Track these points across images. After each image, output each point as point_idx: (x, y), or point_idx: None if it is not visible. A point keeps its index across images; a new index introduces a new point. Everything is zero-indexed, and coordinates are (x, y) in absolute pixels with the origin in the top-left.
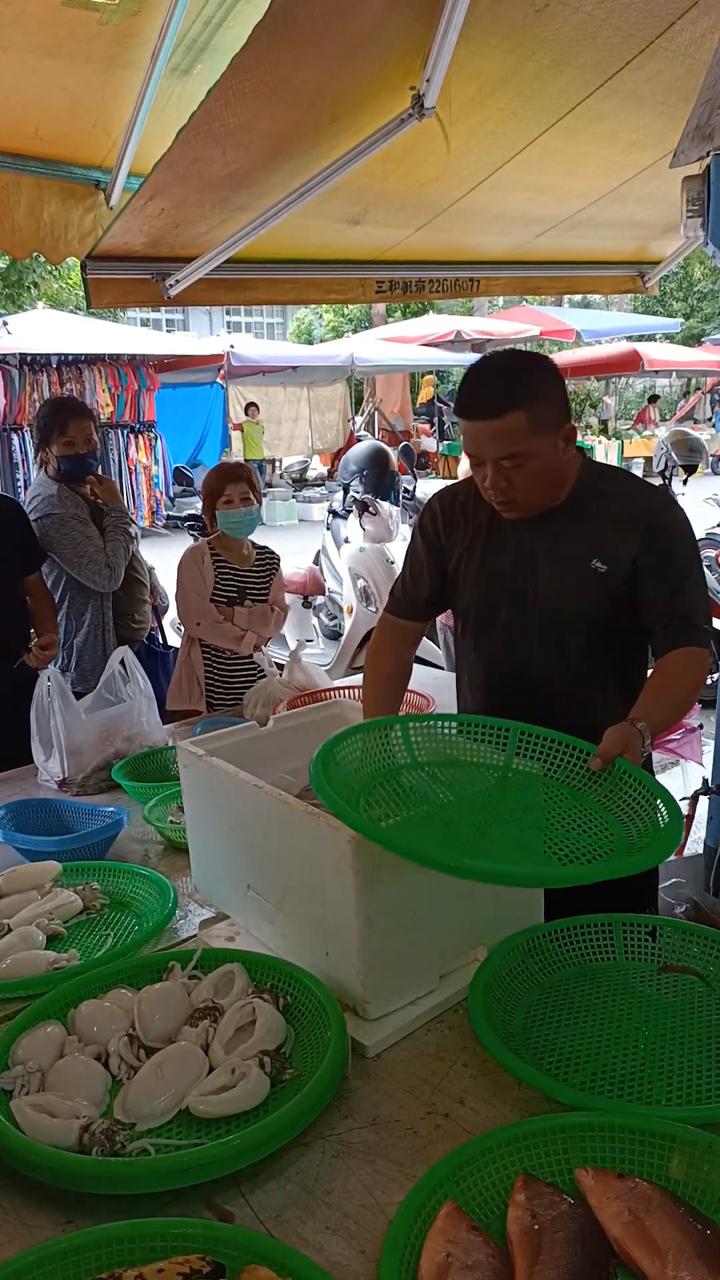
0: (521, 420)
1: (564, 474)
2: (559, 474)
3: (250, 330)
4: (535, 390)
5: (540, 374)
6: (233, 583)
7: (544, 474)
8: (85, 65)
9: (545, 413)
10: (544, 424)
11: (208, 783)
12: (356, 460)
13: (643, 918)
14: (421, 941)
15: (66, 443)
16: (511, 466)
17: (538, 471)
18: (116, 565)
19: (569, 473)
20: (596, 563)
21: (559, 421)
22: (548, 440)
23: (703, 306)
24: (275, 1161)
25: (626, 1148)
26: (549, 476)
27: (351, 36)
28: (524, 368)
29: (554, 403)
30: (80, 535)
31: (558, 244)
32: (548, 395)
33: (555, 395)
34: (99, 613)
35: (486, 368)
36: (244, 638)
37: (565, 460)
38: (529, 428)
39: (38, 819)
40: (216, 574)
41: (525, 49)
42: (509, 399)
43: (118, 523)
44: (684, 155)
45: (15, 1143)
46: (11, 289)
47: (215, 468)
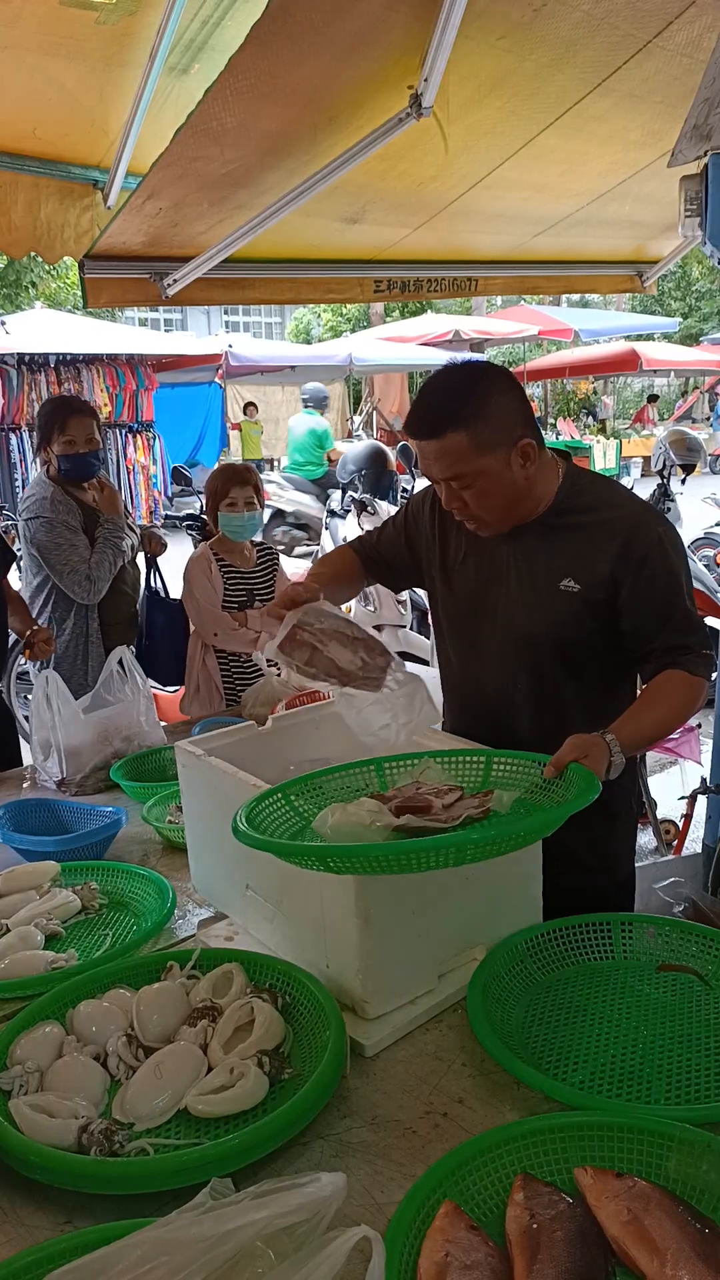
0: (463, 440)
1: (528, 490)
2: (519, 491)
3: (248, 330)
4: (478, 407)
5: (486, 388)
6: (240, 586)
7: (497, 493)
8: (83, 64)
9: (491, 430)
10: (490, 442)
11: (206, 782)
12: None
13: (642, 917)
14: (420, 941)
15: (67, 441)
16: (460, 487)
17: (488, 490)
18: (98, 579)
19: (541, 486)
20: (568, 582)
21: (510, 438)
22: (496, 458)
23: (701, 306)
24: (274, 1161)
25: (625, 1147)
26: (504, 495)
27: (349, 36)
28: (468, 384)
29: (502, 419)
30: (65, 542)
31: (556, 243)
32: (494, 411)
33: (504, 411)
34: (82, 621)
35: (432, 384)
36: (259, 639)
37: (527, 476)
38: (471, 447)
39: (36, 819)
40: (224, 580)
41: (523, 48)
42: (449, 418)
43: (108, 535)
44: (682, 155)
45: (14, 1143)
46: (9, 289)
47: (220, 468)
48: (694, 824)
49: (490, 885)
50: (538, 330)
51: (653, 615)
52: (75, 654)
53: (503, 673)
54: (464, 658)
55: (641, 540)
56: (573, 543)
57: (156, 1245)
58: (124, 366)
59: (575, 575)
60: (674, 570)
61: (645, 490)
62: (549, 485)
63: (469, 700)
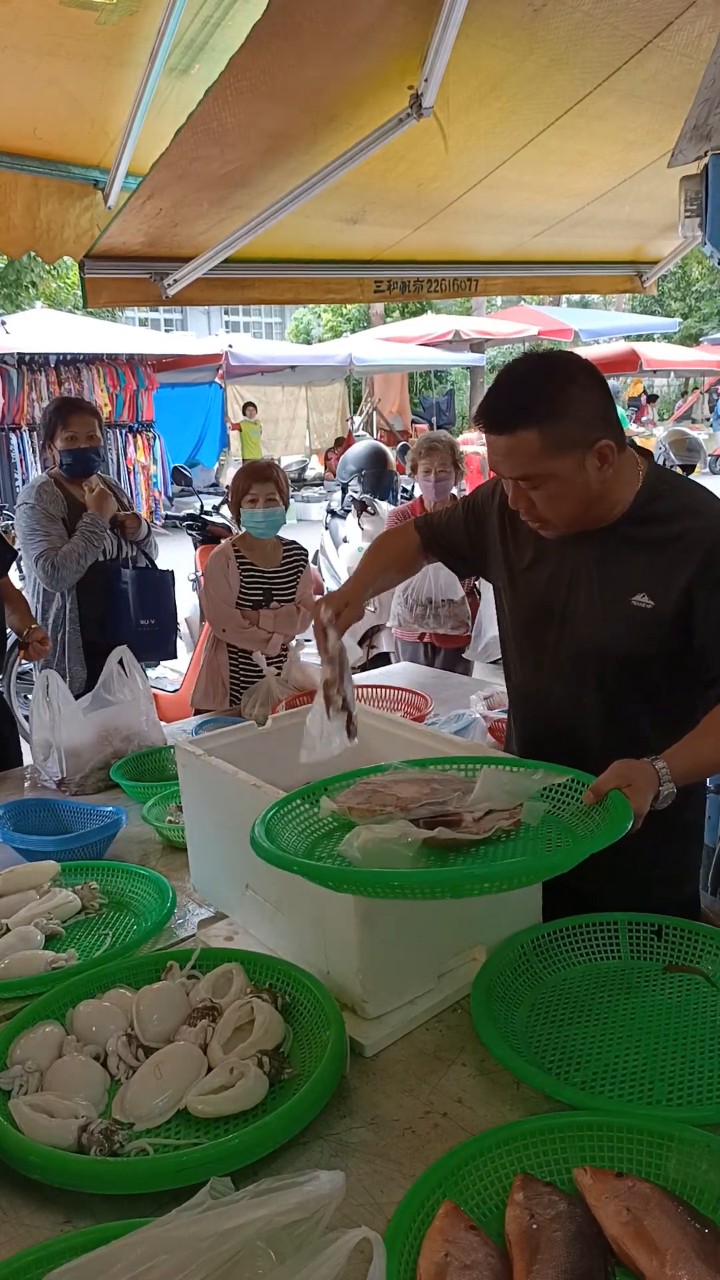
0: (534, 439)
1: (603, 493)
2: (592, 495)
3: (249, 330)
4: (555, 404)
5: (566, 383)
6: (258, 585)
7: (568, 497)
8: (83, 64)
9: (567, 430)
10: (564, 443)
11: (206, 782)
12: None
13: (649, 916)
14: (419, 941)
15: (69, 437)
16: (528, 487)
17: (559, 495)
18: (62, 567)
19: (619, 489)
20: (642, 598)
21: (587, 440)
22: (570, 460)
23: (701, 306)
24: (274, 1161)
25: (625, 1147)
26: (575, 500)
27: (349, 36)
28: (546, 377)
29: (581, 418)
30: (41, 529)
31: (556, 244)
32: (572, 410)
33: (583, 409)
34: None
35: (509, 374)
36: (270, 640)
37: (602, 480)
38: (543, 447)
39: (36, 819)
40: (241, 577)
41: (523, 48)
42: (522, 414)
43: (86, 529)
44: (682, 155)
45: (14, 1143)
46: (10, 288)
47: (244, 466)
48: None
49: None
50: (538, 330)
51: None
52: (55, 645)
53: (570, 687)
54: (529, 667)
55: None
56: (649, 555)
57: (156, 1244)
58: (124, 366)
59: (649, 591)
60: None
61: None
62: (628, 488)
63: (536, 713)
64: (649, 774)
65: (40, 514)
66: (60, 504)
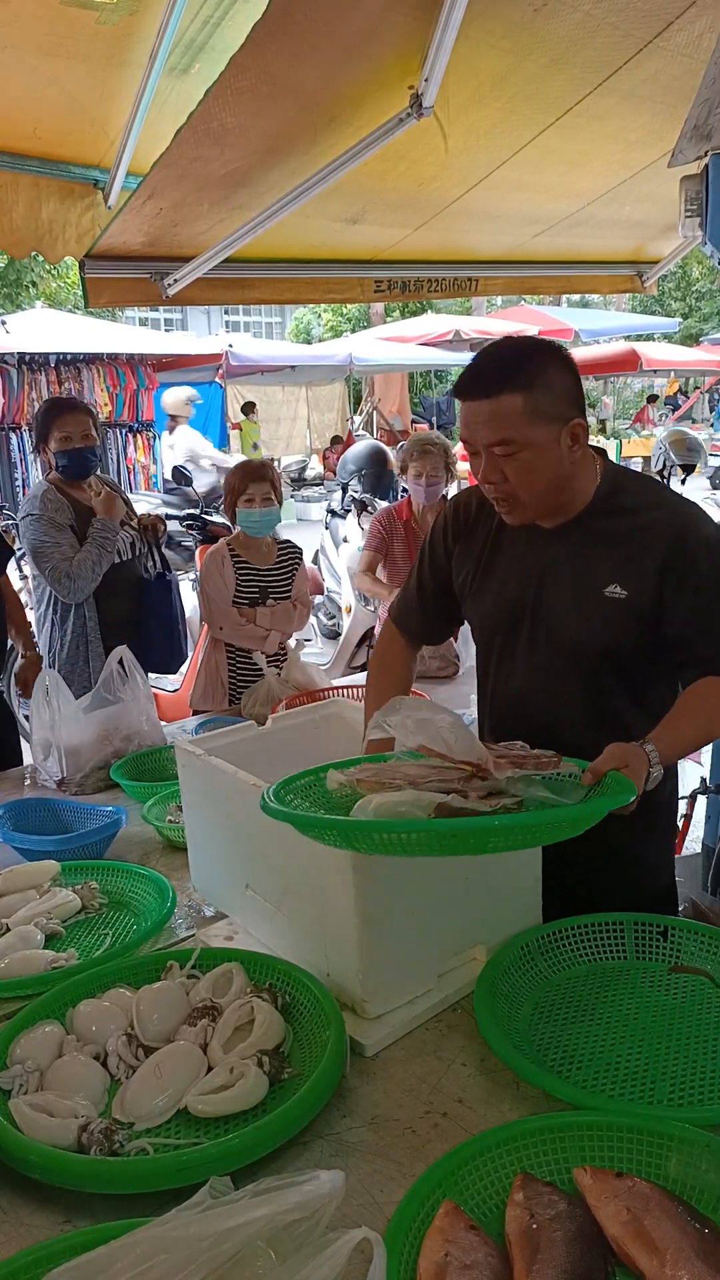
0: (517, 403)
1: (570, 478)
2: (561, 475)
3: (249, 330)
4: (537, 375)
5: (547, 360)
6: (254, 583)
7: (541, 470)
8: (84, 64)
9: (546, 400)
10: (544, 413)
11: (206, 782)
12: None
13: (654, 917)
14: (420, 940)
15: (63, 438)
16: (504, 454)
17: (533, 465)
18: (78, 577)
19: (582, 480)
20: (615, 588)
21: (563, 414)
22: (547, 431)
23: (701, 306)
24: (274, 1161)
25: (625, 1147)
26: (548, 474)
27: (350, 36)
28: (528, 352)
29: (558, 393)
30: (50, 540)
31: (556, 243)
32: (552, 383)
33: (561, 385)
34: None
35: (492, 348)
36: (268, 637)
37: (572, 461)
38: (525, 411)
39: (36, 818)
40: (237, 575)
41: (523, 48)
42: (507, 379)
43: (97, 535)
44: (682, 155)
45: (14, 1142)
46: (10, 288)
47: (239, 465)
48: (693, 824)
49: (490, 886)
50: (538, 330)
51: (695, 620)
52: (76, 654)
53: (550, 686)
54: (505, 672)
55: (689, 544)
56: (617, 547)
57: (155, 1244)
58: (124, 366)
59: (621, 581)
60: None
61: None
62: (588, 482)
63: (514, 716)
64: (640, 756)
65: (47, 524)
66: (66, 510)
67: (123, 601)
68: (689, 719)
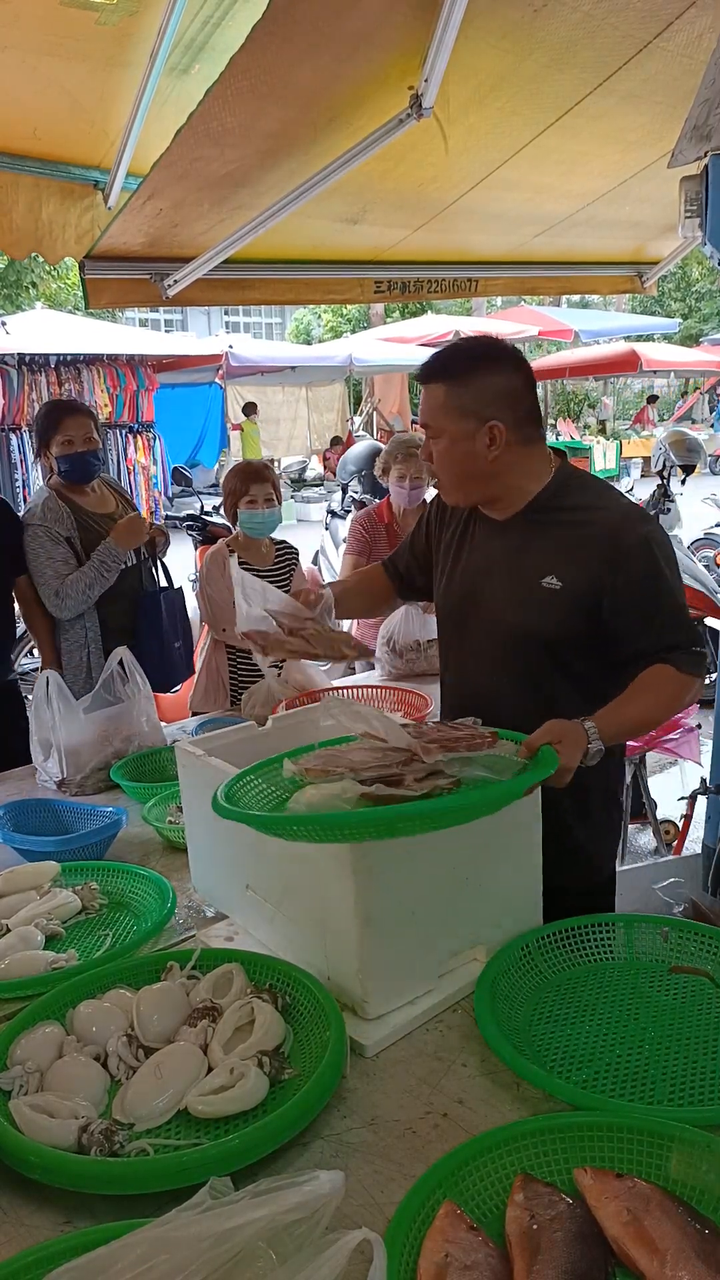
0: (440, 393)
1: (492, 473)
2: (478, 469)
3: (249, 330)
4: (465, 373)
5: (483, 360)
6: None
7: (454, 460)
8: (83, 65)
9: (467, 398)
10: (462, 408)
11: (206, 782)
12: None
13: (654, 918)
14: (420, 941)
15: (65, 442)
16: (430, 437)
17: (448, 454)
18: (66, 596)
19: (522, 478)
20: (550, 579)
21: (482, 414)
22: (462, 426)
23: (701, 306)
24: (274, 1162)
25: (625, 1147)
26: (459, 465)
27: (350, 36)
28: (472, 350)
29: (482, 393)
30: (44, 552)
31: (556, 244)
32: (478, 382)
33: (488, 386)
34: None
35: (454, 343)
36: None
37: (491, 459)
38: (444, 403)
39: (36, 819)
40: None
41: (523, 48)
42: (439, 369)
43: (98, 559)
44: (682, 155)
45: (14, 1143)
46: (10, 289)
47: (238, 466)
48: (694, 824)
49: (490, 886)
50: (538, 331)
51: (638, 616)
52: (79, 660)
53: (488, 670)
54: (454, 657)
55: (625, 541)
56: (556, 540)
57: (155, 1244)
58: (124, 367)
59: (557, 573)
60: (658, 572)
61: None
62: (534, 481)
63: (462, 700)
64: (577, 731)
65: (44, 535)
66: (66, 521)
67: (124, 608)
68: (634, 702)
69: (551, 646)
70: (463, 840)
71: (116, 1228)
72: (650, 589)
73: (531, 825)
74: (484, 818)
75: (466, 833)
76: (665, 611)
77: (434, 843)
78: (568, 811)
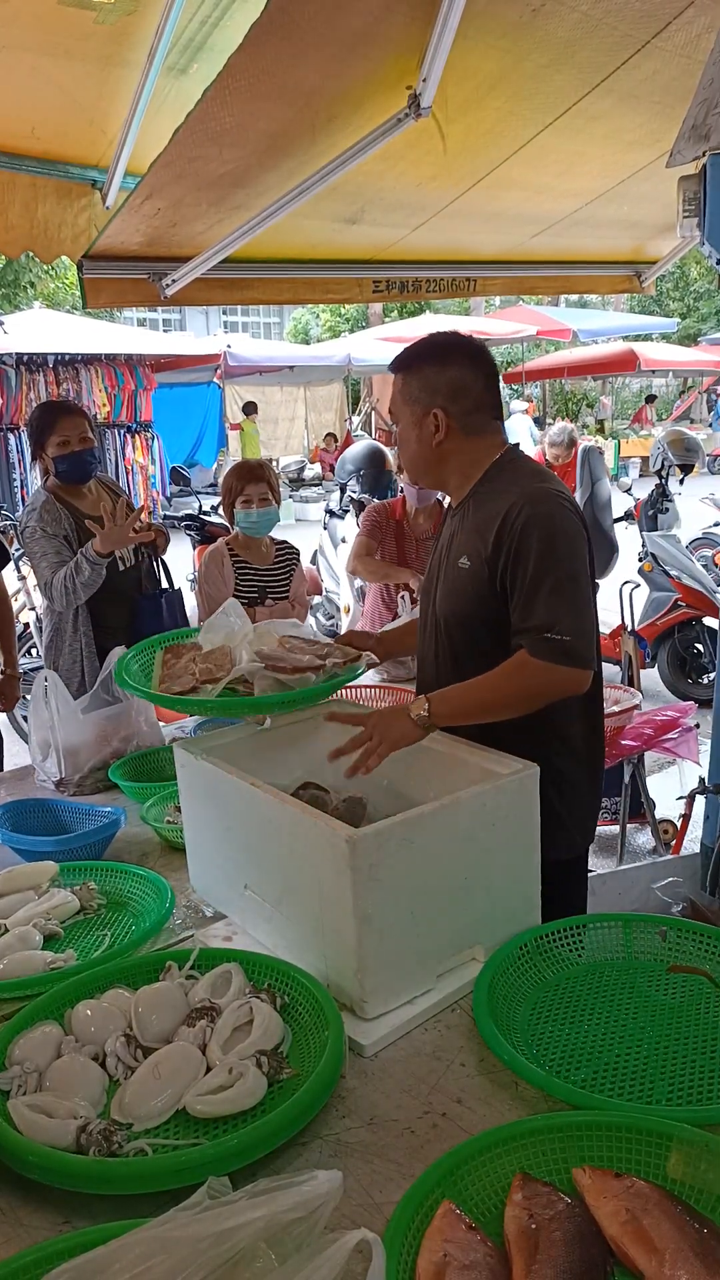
0: (398, 382)
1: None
2: (426, 453)
3: (247, 330)
4: (417, 364)
5: (436, 353)
6: (253, 582)
7: (408, 443)
8: (82, 64)
9: (416, 387)
10: (410, 396)
11: (205, 782)
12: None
13: (653, 918)
14: (419, 941)
15: (61, 442)
16: (393, 420)
17: (402, 437)
18: (55, 592)
19: (469, 465)
20: (463, 560)
21: (427, 402)
22: (411, 412)
23: (699, 306)
24: (273, 1161)
25: (624, 1147)
26: (411, 448)
27: (348, 36)
28: (431, 344)
29: (427, 384)
30: (39, 550)
31: (554, 244)
32: (426, 374)
33: (434, 378)
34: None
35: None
36: None
37: (435, 444)
38: (400, 390)
39: (35, 819)
40: (236, 575)
41: (522, 48)
42: (398, 361)
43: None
44: (680, 155)
45: (12, 1143)
46: (8, 289)
47: (235, 467)
48: (692, 824)
49: (488, 886)
50: (536, 330)
51: (517, 593)
52: (74, 657)
53: (434, 656)
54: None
55: (513, 520)
56: (472, 524)
57: (154, 1244)
58: (122, 367)
59: (468, 553)
60: (536, 553)
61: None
62: (476, 468)
63: (421, 677)
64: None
65: (40, 535)
66: (63, 520)
67: (120, 608)
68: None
69: (465, 626)
70: (461, 840)
71: (115, 1228)
72: (524, 570)
73: (530, 826)
74: (483, 819)
75: (466, 833)
76: (533, 593)
77: (433, 843)
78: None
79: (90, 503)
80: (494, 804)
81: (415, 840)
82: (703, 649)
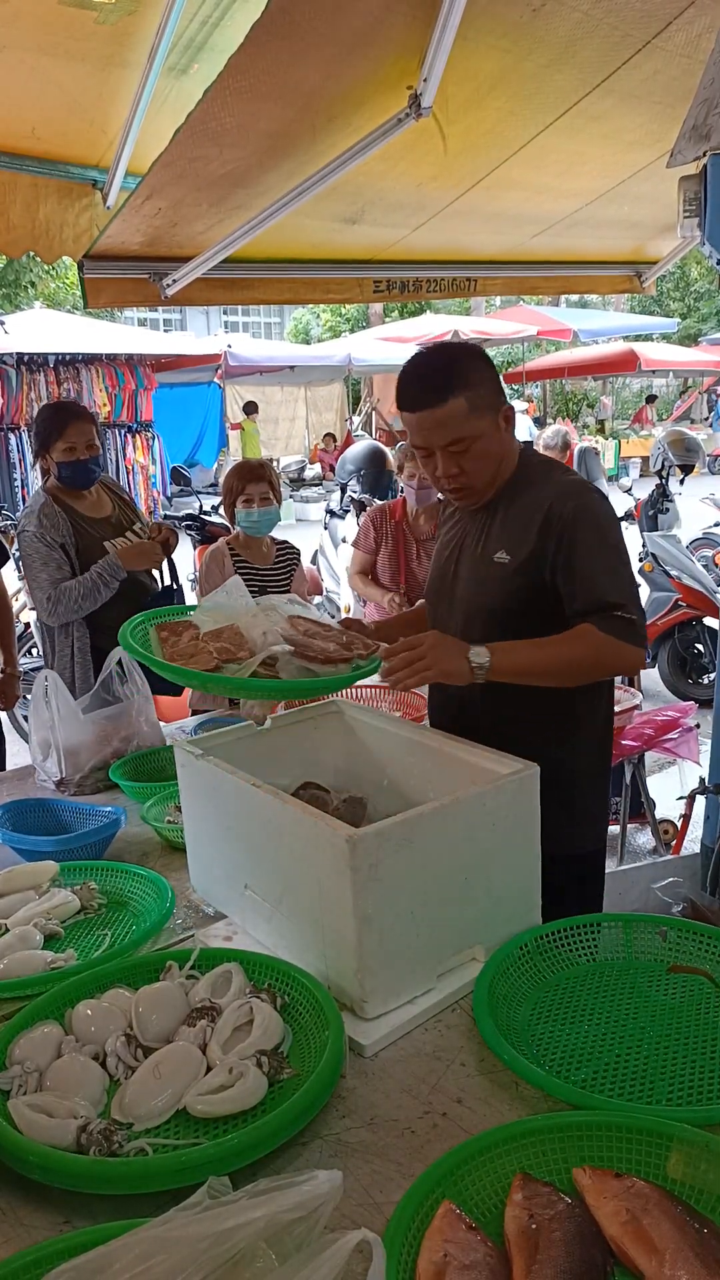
0: (463, 404)
1: (505, 456)
2: (503, 454)
3: (248, 330)
4: (469, 375)
5: (470, 361)
6: (253, 582)
7: (490, 455)
8: (82, 64)
9: (482, 394)
10: (482, 405)
11: (205, 782)
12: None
13: (653, 918)
14: (419, 940)
15: (67, 448)
16: (459, 451)
17: (484, 453)
18: (59, 602)
19: (508, 461)
20: (501, 554)
21: (495, 402)
22: (488, 421)
23: (699, 306)
24: (273, 1161)
25: (624, 1147)
26: (494, 457)
27: (348, 36)
28: (454, 357)
29: (488, 385)
30: (39, 557)
31: (555, 244)
32: (481, 379)
33: (488, 378)
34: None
35: (420, 361)
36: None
37: (507, 442)
38: (469, 410)
39: (35, 819)
40: (237, 574)
41: (522, 48)
42: (448, 386)
43: (97, 572)
44: (681, 155)
45: (13, 1143)
46: (9, 288)
47: (236, 466)
48: (692, 824)
49: (489, 886)
50: (536, 330)
51: (572, 580)
52: (73, 657)
53: None
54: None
55: (562, 507)
56: (508, 519)
57: (154, 1244)
58: (123, 366)
59: (507, 548)
60: (590, 539)
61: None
62: (509, 466)
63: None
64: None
65: (39, 540)
66: (62, 526)
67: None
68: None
69: (503, 618)
70: (461, 840)
71: (115, 1227)
72: (581, 553)
73: (530, 826)
74: (483, 819)
75: (466, 833)
76: (593, 575)
77: (433, 843)
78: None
79: (89, 505)
80: (494, 804)
81: (415, 840)
82: (703, 649)
